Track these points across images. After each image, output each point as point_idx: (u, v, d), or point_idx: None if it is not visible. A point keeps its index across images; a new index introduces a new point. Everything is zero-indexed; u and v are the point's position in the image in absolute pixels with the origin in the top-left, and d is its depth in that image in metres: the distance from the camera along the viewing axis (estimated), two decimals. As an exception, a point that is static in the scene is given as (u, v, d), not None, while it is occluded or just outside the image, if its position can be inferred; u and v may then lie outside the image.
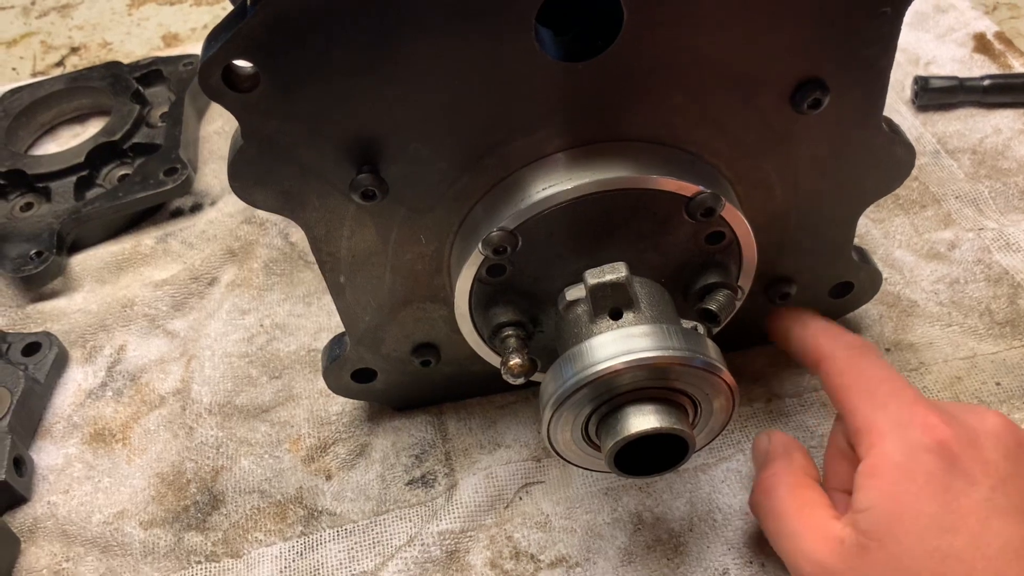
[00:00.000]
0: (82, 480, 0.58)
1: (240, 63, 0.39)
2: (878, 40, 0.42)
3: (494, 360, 0.52)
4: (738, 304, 0.49)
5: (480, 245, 0.44)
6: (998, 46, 0.78)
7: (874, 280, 0.56)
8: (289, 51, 0.38)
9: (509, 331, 0.48)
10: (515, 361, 0.46)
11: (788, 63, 0.43)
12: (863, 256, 0.56)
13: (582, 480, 0.54)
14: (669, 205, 0.45)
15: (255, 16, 0.37)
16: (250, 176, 0.44)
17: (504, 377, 0.47)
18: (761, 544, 0.50)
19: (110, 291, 0.70)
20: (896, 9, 0.41)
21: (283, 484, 0.56)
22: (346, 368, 0.55)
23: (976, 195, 0.66)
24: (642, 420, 0.41)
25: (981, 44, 0.78)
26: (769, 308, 0.55)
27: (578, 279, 0.45)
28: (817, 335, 0.49)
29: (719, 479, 0.53)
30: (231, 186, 0.44)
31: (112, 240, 0.74)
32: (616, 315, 0.44)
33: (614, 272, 0.44)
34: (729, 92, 0.43)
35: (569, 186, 0.43)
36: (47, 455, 0.60)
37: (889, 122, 0.48)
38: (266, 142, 0.42)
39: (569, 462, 0.46)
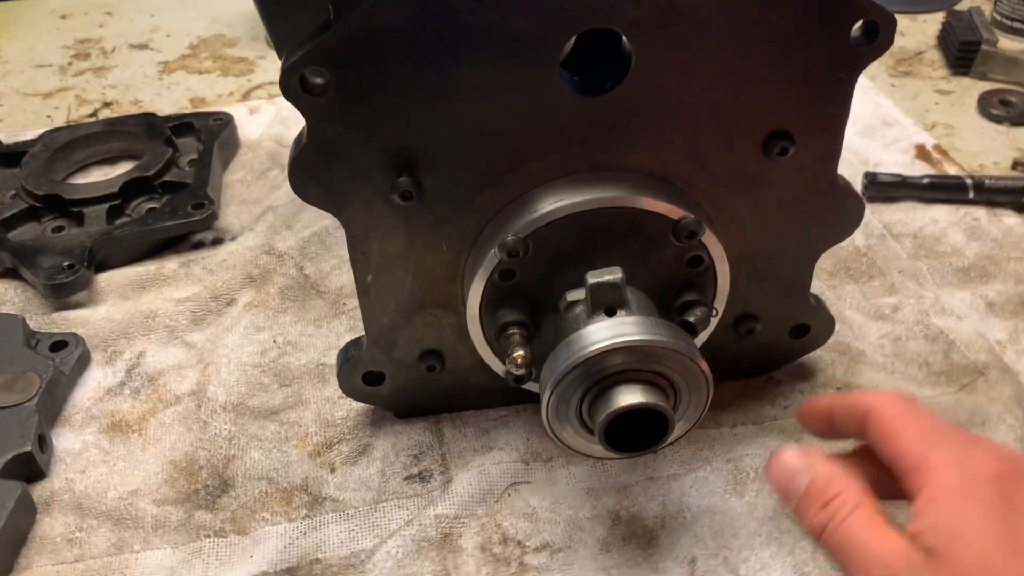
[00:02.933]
0: (98, 463, 0.63)
1: (316, 71, 0.47)
2: (836, 101, 0.52)
3: (495, 366, 0.59)
4: (713, 322, 0.57)
5: (496, 248, 0.52)
6: (936, 155, 0.89)
7: (828, 325, 0.64)
8: (359, 65, 0.47)
9: (514, 329, 0.55)
10: (519, 352, 0.53)
11: (763, 114, 0.52)
12: (819, 302, 0.64)
13: (566, 481, 0.60)
14: (658, 226, 0.53)
15: (336, 31, 0.46)
16: (307, 172, 0.51)
17: (508, 368, 0.53)
18: (726, 537, 0.55)
19: (133, 305, 0.76)
20: (850, 75, 0.51)
21: (290, 474, 0.61)
22: (359, 369, 0.61)
23: (916, 271, 0.76)
24: (630, 396, 0.48)
25: (921, 153, 0.90)
26: (738, 343, 0.62)
27: (577, 287, 0.53)
28: (859, 395, 0.50)
29: (688, 485, 0.59)
30: (289, 180, 0.51)
31: (137, 263, 0.80)
32: (611, 312, 0.51)
33: (612, 274, 0.51)
34: (714, 134, 0.52)
35: (573, 200, 0.52)
36: (65, 440, 0.64)
37: (842, 178, 0.57)
38: (326, 143, 0.50)
39: (564, 444, 0.52)
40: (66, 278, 0.74)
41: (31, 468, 0.60)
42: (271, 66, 1.13)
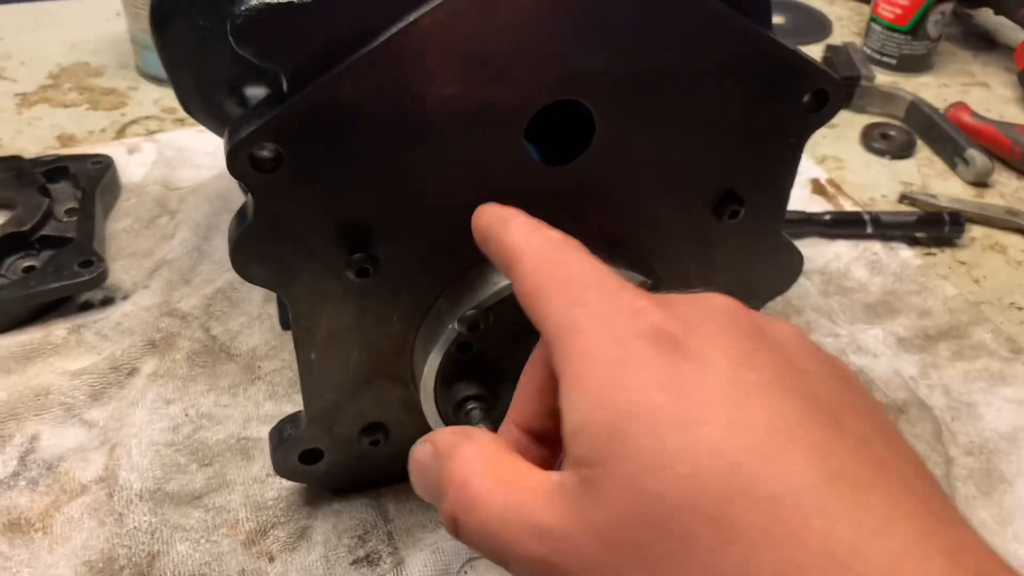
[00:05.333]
0: (-3, 571, 0.56)
1: (267, 146, 0.43)
2: (785, 164, 0.53)
3: (447, 438, 0.56)
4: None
5: (455, 323, 0.49)
6: (831, 190, 0.93)
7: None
8: (314, 140, 0.43)
9: (473, 404, 0.52)
10: (482, 428, 0.51)
11: (715, 179, 0.52)
12: (755, 351, 0.65)
13: (523, 553, 0.58)
14: (618, 293, 0.52)
15: (291, 106, 0.42)
16: (252, 251, 0.47)
17: (469, 447, 0.51)
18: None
19: (19, 380, 0.68)
20: (799, 139, 0.52)
21: (224, 568, 0.56)
22: (296, 448, 0.57)
23: (828, 308, 0.79)
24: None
25: (817, 187, 0.94)
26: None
27: (537, 357, 0.51)
28: (513, 230, 0.38)
29: None
30: (231, 258, 0.47)
31: (17, 331, 0.72)
32: (578, 386, 0.50)
33: (579, 347, 0.50)
34: (670, 199, 0.52)
35: (536, 273, 0.50)
36: (-46, 547, 0.57)
37: (783, 234, 0.58)
38: (274, 220, 0.46)
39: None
40: (-63, 355, 0.66)
41: (-82, 587, 0.53)
42: (145, 98, 1.04)
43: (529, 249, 0.36)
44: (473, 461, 0.32)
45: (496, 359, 0.53)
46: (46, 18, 1.20)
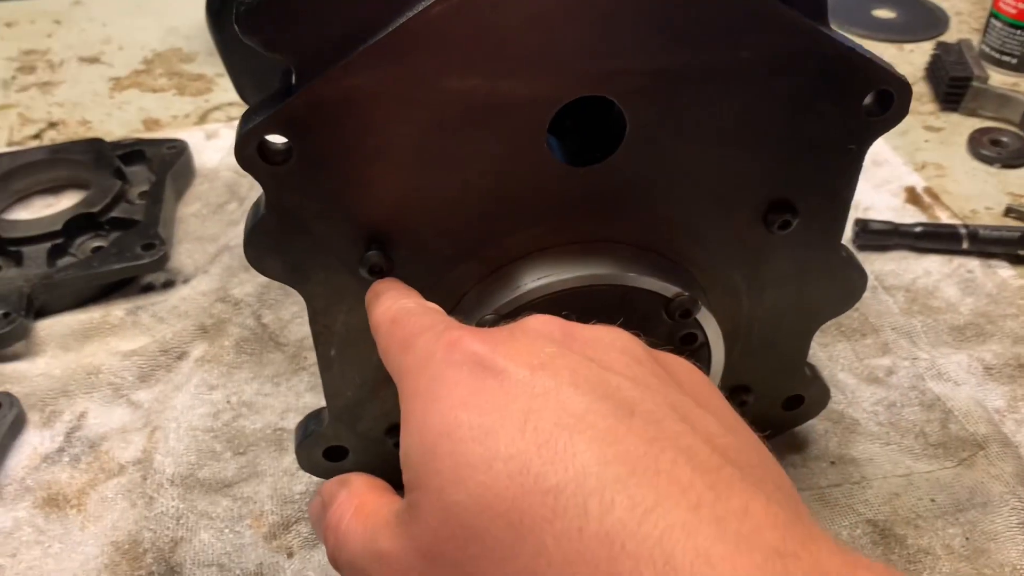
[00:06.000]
0: (31, 544, 0.57)
1: (275, 137, 0.42)
2: (844, 173, 0.48)
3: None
4: (705, 404, 0.52)
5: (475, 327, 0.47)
6: (927, 199, 0.86)
7: (823, 395, 0.61)
8: (324, 132, 0.42)
9: (492, 413, 0.50)
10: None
11: (763, 186, 0.48)
12: (814, 372, 0.60)
13: (545, 570, 0.55)
14: (650, 304, 0.48)
15: (299, 96, 0.41)
16: (265, 245, 0.46)
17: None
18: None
19: (75, 358, 0.70)
20: (860, 146, 0.47)
21: (243, 559, 0.56)
22: (320, 444, 0.56)
23: (910, 328, 0.72)
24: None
25: (912, 196, 0.87)
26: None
27: (561, 368, 0.48)
28: (380, 302, 0.42)
29: None
30: (245, 252, 0.46)
31: (80, 309, 0.74)
32: (598, 402, 0.47)
33: (600, 361, 0.47)
34: (710, 208, 0.48)
35: (559, 278, 0.47)
36: (-4, 517, 0.59)
37: (846, 248, 0.53)
38: (286, 214, 0.45)
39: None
40: (1, 329, 0.68)
41: (-46, 554, 0.55)
42: (230, 85, 1.06)
43: (385, 317, 0.40)
44: (345, 503, 0.36)
45: (519, 367, 0.50)
46: (147, 3, 1.25)
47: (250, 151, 0.42)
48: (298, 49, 0.40)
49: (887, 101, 0.45)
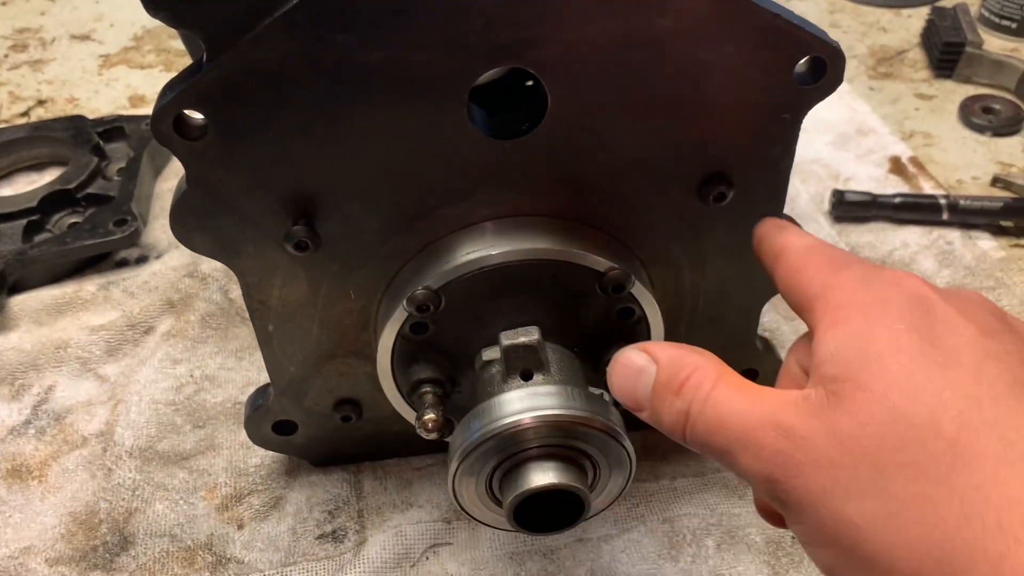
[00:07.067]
0: (-8, 515, 0.58)
1: (191, 113, 0.42)
2: (779, 142, 0.47)
3: (414, 420, 0.54)
4: (645, 378, 0.52)
5: (404, 302, 0.47)
6: (911, 169, 0.84)
7: (777, 368, 0.59)
8: (238, 107, 0.42)
9: (427, 388, 0.50)
10: (429, 416, 0.48)
11: (696, 158, 0.47)
12: (767, 346, 0.59)
13: (489, 544, 0.55)
14: (584, 279, 0.48)
15: (209, 72, 0.40)
16: (191, 221, 0.46)
17: (418, 432, 0.49)
18: (655, 613, 0.51)
19: (46, 332, 0.71)
20: (795, 115, 0.46)
21: (195, 530, 0.57)
22: (268, 419, 0.57)
23: (882, 301, 0.71)
24: (541, 476, 0.43)
25: (896, 166, 0.85)
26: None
27: (494, 343, 0.48)
28: (786, 233, 0.44)
29: (619, 549, 0.55)
30: (171, 228, 0.46)
31: (54, 284, 0.75)
32: (527, 376, 0.46)
33: (527, 335, 0.46)
34: (642, 180, 0.47)
35: (492, 252, 0.47)
36: (-40, 488, 0.60)
37: (790, 219, 0.52)
38: (209, 189, 0.45)
39: (473, 517, 0.48)
40: (-28, 304, 0.70)
41: (-86, 524, 0.56)
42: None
43: (798, 243, 0.42)
44: (705, 368, 0.37)
45: (455, 344, 0.50)
46: (141, -19, 1.25)
47: (165, 127, 0.42)
48: (206, 23, 0.40)
49: (820, 69, 0.44)
